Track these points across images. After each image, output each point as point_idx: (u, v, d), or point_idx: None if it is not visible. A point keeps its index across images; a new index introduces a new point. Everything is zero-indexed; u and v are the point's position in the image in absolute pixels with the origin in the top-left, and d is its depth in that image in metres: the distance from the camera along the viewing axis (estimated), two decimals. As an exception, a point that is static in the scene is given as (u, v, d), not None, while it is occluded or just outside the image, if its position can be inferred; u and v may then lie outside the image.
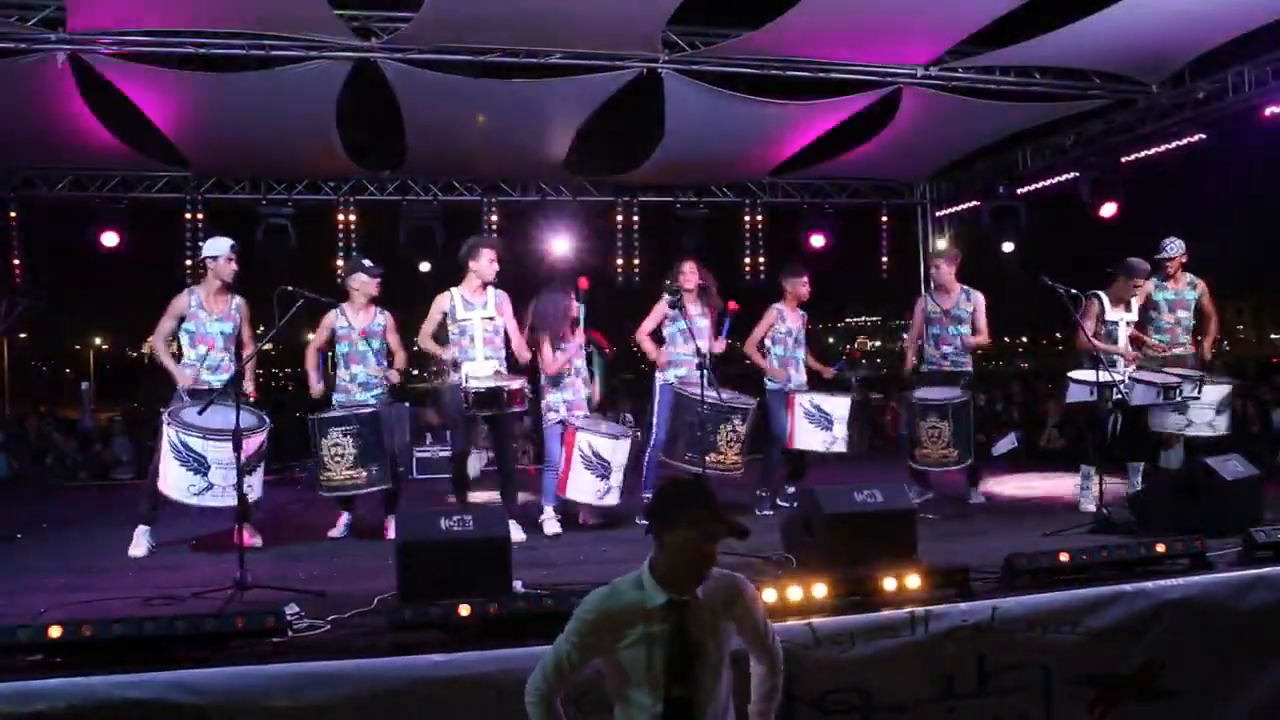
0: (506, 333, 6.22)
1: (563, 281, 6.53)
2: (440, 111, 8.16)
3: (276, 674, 3.24)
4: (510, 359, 6.22)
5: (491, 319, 6.13)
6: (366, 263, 6.34)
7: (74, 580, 4.91)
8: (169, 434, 5.43)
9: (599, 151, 9.84)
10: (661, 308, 6.66)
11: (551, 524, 6.18)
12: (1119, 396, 6.09)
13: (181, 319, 5.87)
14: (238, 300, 6.03)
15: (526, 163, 10.05)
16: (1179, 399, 6.28)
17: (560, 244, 10.53)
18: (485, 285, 6.15)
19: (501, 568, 4.05)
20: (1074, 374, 6.44)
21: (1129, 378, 6.28)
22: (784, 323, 7.01)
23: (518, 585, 4.17)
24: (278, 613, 3.57)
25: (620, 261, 11.01)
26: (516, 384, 5.92)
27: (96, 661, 3.26)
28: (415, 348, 6.61)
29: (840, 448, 6.89)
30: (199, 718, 3.12)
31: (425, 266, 10.31)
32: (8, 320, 5.89)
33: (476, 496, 6.62)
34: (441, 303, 6.15)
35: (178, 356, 5.95)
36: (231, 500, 5.32)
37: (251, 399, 5.91)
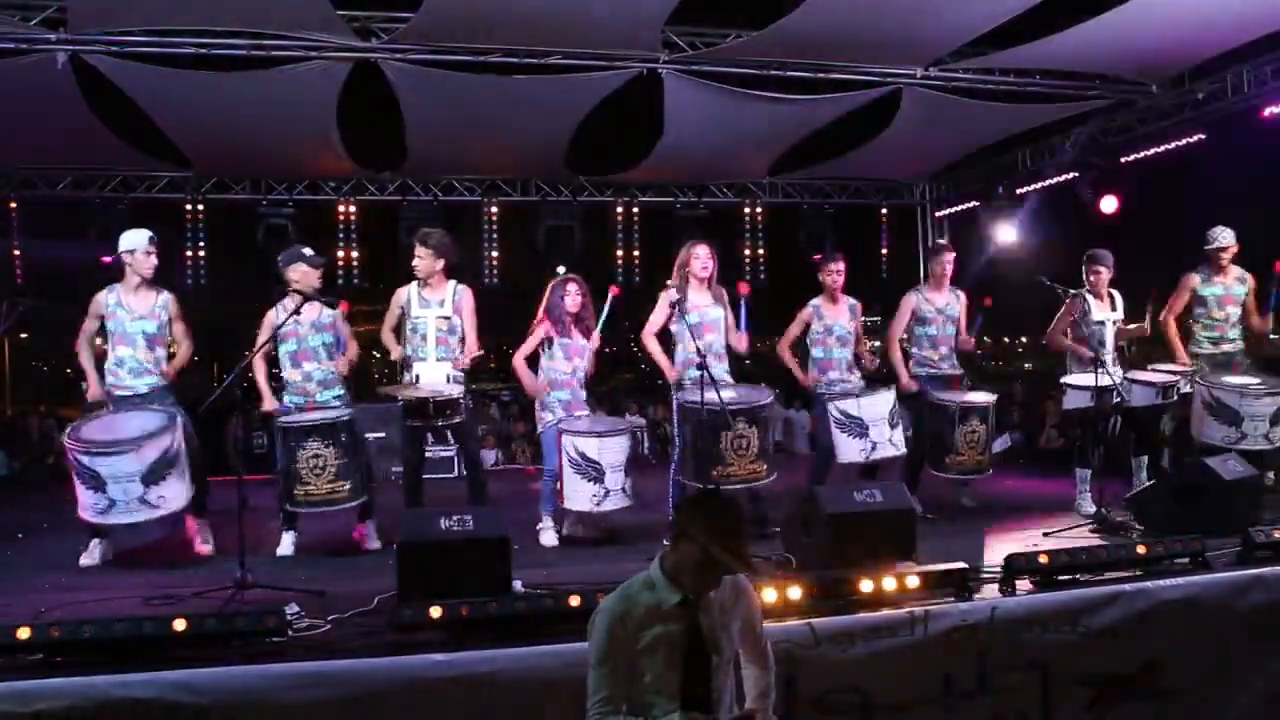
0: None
1: (568, 278, 6.07)
2: (440, 111, 8.17)
3: (276, 674, 3.25)
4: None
5: (447, 318, 5.65)
6: (307, 251, 5.70)
7: (74, 580, 4.91)
8: (68, 452, 4.98)
9: (599, 151, 9.84)
10: (666, 303, 5.92)
11: (548, 534, 5.76)
12: (1118, 400, 6.04)
13: (101, 319, 5.47)
14: (164, 297, 5.55)
15: (526, 162, 10.05)
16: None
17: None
18: (444, 280, 5.73)
19: (501, 568, 4.05)
20: (1069, 379, 6.27)
21: (1125, 379, 6.18)
22: (821, 320, 6.35)
23: (517, 585, 4.17)
24: (278, 613, 3.58)
25: (620, 261, 10.99)
26: (451, 394, 5.44)
27: (96, 661, 3.26)
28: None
29: (882, 454, 6.03)
30: (199, 718, 3.12)
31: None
32: (8, 320, 5.83)
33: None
34: (399, 297, 5.75)
35: (104, 358, 5.54)
36: (143, 515, 4.95)
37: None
